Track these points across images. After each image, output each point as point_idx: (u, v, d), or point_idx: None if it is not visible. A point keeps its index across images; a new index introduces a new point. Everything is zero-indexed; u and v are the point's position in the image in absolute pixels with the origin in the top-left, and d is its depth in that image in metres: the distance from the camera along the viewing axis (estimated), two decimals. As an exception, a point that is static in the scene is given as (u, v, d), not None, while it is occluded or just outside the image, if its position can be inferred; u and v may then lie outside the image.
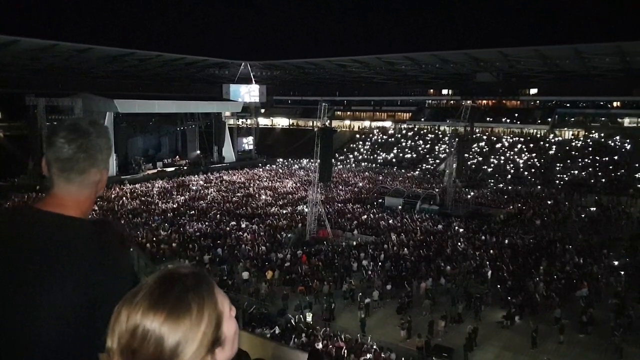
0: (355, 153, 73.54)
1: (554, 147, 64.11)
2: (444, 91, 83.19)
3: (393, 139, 76.08)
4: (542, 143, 65.88)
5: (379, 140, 76.89)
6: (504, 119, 73.13)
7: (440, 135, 72.54)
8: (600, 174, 54.35)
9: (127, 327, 0.91)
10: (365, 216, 38.19)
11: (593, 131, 65.92)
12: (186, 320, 0.92)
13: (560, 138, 67.59)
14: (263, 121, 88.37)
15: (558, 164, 58.89)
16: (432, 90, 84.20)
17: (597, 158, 57.96)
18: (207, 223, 34.90)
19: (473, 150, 64.51)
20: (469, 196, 46.36)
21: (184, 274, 0.99)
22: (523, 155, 63.27)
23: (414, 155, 69.43)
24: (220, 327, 0.98)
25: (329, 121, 39.86)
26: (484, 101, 77.01)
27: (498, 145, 67.45)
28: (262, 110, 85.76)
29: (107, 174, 1.59)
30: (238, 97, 73.53)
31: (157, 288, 0.95)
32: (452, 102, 78.86)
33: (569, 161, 59.13)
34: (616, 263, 27.44)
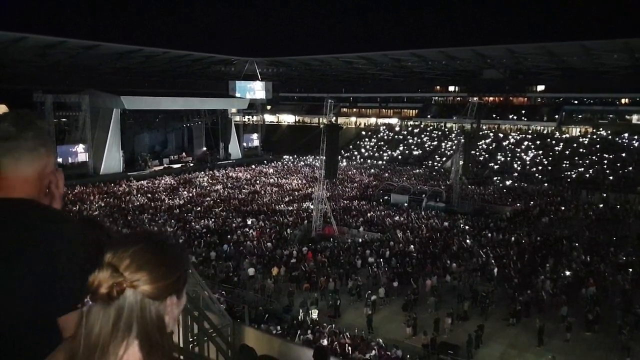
0: (362, 150, 73.46)
1: (561, 144, 63.71)
2: (451, 88, 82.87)
3: (399, 136, 75.92)
4: (549, 140, 65.49)
5: (385, 137, 76.75)
6: (510, 116, 72.81)
7: (447, 132, 72.35)
8: (608, 171, 53.97)
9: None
10: (371, 213, 38.18)
11: (601, 128, 65.45)
12: (166, 271, 1.07)
13: (567, 135, 67.19)
14: (269, 118, 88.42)
15: (565, 162, 58.52)
16: (438, 87, 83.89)
17: (605, 155, 57.54)
18: (213, 219, 35.03)
19: (479, 147, 64.26)
20: (475, 193, 46.25)
21: (171, 240, 1.16)
22: (530, 152, 62.93)
23: (420, 152, 69.26)
24: (185, 283, 1.13)
25: (334, 118, 39.83)
26: (491, 98, 76.62)
27: (505, 143, 67.12)
28: (268, 107, 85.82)
29: (53, 159, 1.62)
30: (244, 93, 73.62)
31: (147, 248, 1.08)
32: (458, 99, 78.52)
33: (576, 158, 58.77)
34: (623, 260, 27.30)
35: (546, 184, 51.29)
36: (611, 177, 51.91)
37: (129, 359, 1.02)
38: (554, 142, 64.85)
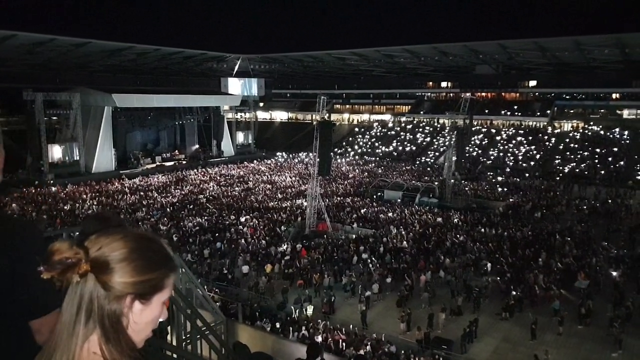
0: (355, 146, 73.46)
1: (553, 139, 64.05)
2: (443, 84, 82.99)
3: (392, 132, 76.00)
4: (541, 135, 65.81)
5: (378, 133, 76.80)
6: (503, 112, 73.04)
7: (440, 128, 72.47)
8: (599, 165, 54.34)
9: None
10: (365, 209, 38.21)
11: (592, 123, 65.87)
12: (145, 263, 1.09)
13: (559, 130, 67.53)
14: (262, 115, 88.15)
15: (557, 156, 58.86)
16: (431, 83, 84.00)
17: (596, 150, 57.93)
18: (206, 217, 34.90)
19: (472, 142, 64.42)
20: (468, 189, 46.38)
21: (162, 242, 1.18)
22: (522, 147, 63.21)
23: (413, 148, 69.38)
24: (156, 291, 1.12)
25: (328, 114, 39.72)
26: (483, 94, 76.83)
27: (497, 138, 67.39)
28: (261, 104, 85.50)
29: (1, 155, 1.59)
30: (236, 90, 73.33)
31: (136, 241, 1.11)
32: (451, 94, 78.64)
33: (568, 153, 59.11)
34: (615, 254, 27.51)
35: (538, 179, 51.54)
36: (603, 172, 52.28)
37: (91, 343, 1.06)
38: (546, 137, 65.18)
